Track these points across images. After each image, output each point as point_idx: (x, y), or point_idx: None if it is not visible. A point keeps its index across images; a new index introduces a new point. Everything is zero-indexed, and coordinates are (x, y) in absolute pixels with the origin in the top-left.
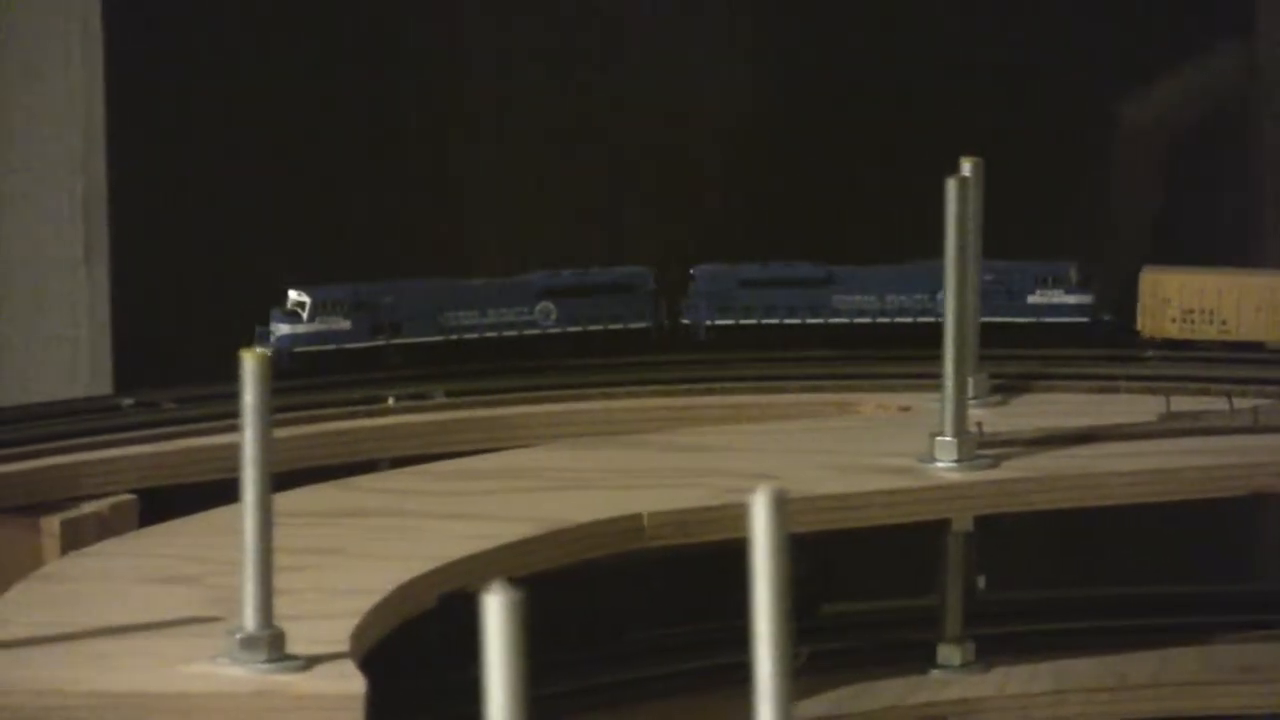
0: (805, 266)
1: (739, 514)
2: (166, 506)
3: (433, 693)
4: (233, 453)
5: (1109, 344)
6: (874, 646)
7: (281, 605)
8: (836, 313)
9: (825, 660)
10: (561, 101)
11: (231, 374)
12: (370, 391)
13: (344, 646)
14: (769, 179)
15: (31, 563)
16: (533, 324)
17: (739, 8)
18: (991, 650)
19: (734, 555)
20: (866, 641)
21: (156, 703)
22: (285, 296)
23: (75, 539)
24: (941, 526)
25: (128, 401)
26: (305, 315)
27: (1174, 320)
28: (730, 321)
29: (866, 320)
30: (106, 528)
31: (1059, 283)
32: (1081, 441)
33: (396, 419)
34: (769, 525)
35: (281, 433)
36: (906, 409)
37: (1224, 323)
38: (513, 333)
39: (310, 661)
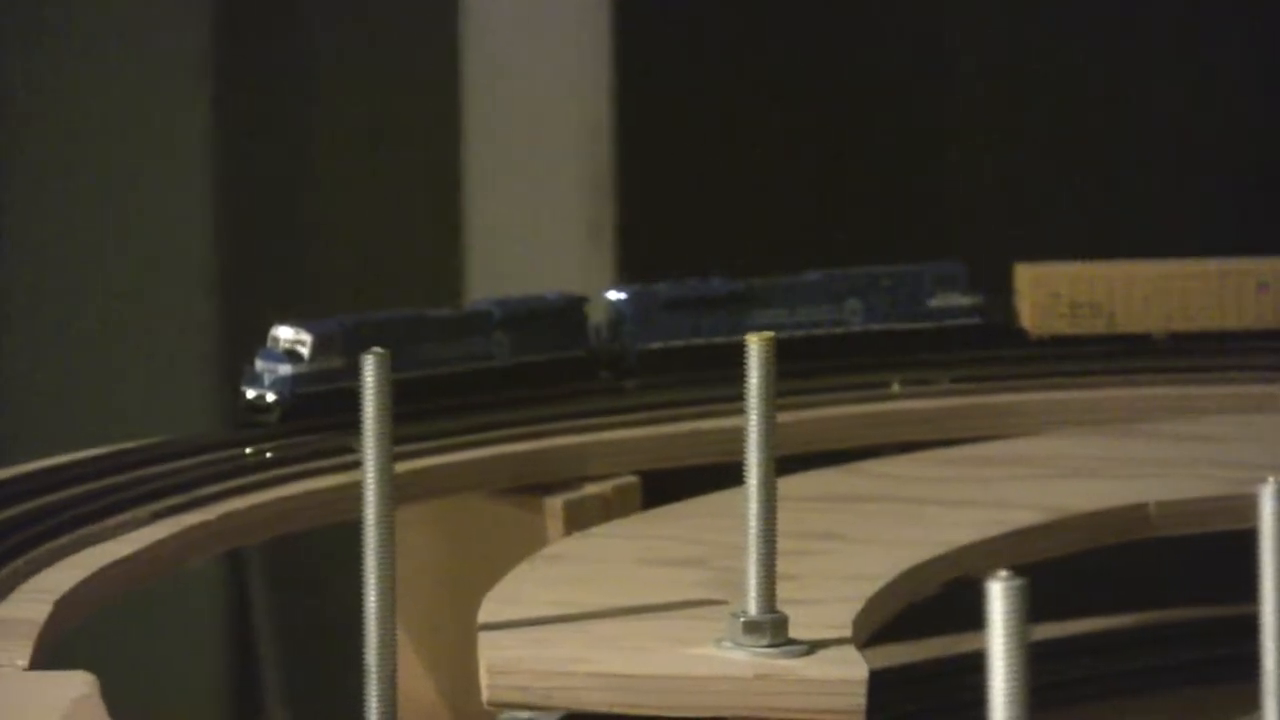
0: (718, 281)
1: (1248, 505)
2: (668, 489)
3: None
4: (736, 436)
5: (995, 345)
6: None
7: (784, 589)
8: (754, 328)
9: None
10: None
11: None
12: (875, 376)
13: (846, 632)
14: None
15: (534, 542)
16: (489, 355)
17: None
18: None
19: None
20: None
21: (659, 684)
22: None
23: (578, 520)
24: None
25: (630, 383)
26: (308, 354)
27: (1063, 315)
28: (659, 345)
29: (784, 335)
30: (609, 509)
31: (953, 284)
32: None
33: (901, 404)
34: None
35: (784, 416)
36: None
37: (1112, 315)
38: (477, 364)
39: (813, 646)
